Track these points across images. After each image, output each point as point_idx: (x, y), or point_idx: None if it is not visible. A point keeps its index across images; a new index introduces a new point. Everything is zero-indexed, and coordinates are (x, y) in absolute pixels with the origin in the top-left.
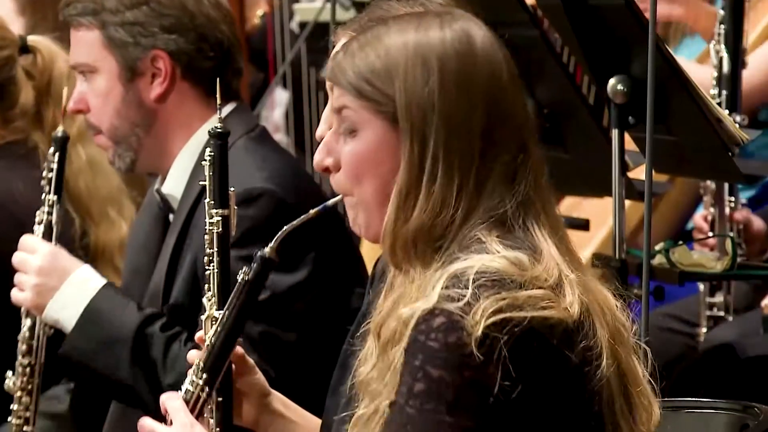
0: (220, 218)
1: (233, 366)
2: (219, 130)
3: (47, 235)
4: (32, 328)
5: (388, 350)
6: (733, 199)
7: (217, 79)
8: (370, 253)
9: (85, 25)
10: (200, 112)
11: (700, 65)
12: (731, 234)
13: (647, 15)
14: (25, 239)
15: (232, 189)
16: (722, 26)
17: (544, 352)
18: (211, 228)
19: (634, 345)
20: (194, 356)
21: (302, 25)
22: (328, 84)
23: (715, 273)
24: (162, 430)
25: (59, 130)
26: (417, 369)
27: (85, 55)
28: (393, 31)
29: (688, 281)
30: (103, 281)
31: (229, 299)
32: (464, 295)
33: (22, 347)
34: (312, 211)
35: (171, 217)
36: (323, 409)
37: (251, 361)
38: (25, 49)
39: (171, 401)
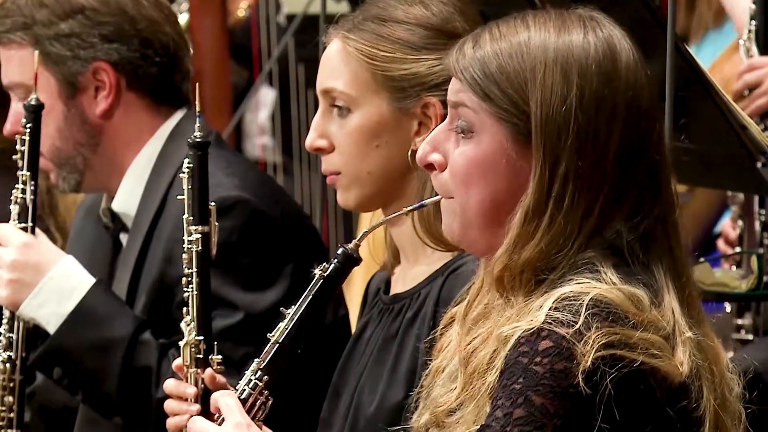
0: (200, 235)
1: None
2: (198, 140)
3: (23, 216)
4: (11, 320)
5: (475, 380)
6: (764, 212)
7: (196, 85)
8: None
9: (16, 42)
10: (149, 123)
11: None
12: (760, 251)
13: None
14: None
15: (212, 203)
16: (753, 22)
17: (648, 402)
18: (189, 246)
19: (738, 412)
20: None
21: (290, 17)
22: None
23: (739, 293)
24: (214, 429)
25: (32, 98)
26: (518, 393)
27: (18, 75)
28: (532, 30)
29: (709, 302)
30: (92, 278)
31: (303, 296)
32: (576, 321)
33: (1, 339)
34: (407, 208)
35: (122, 236)
36: None
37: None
38: None
39: (225, 398)
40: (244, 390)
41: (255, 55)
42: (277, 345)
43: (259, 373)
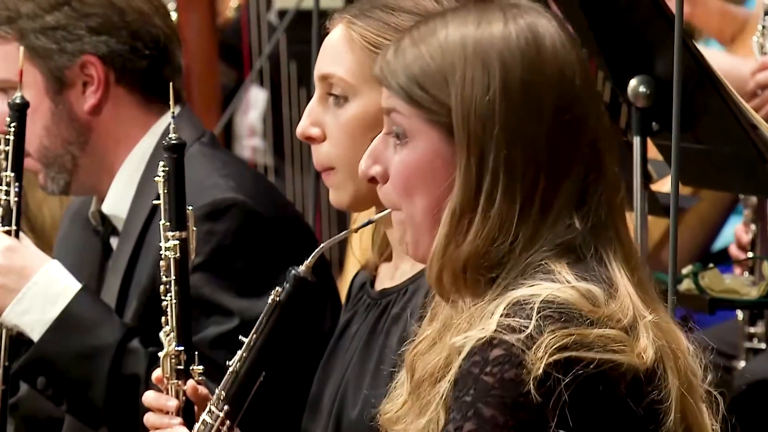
0: (177, 242)
1: (195, 407)
2: (173, 142)
3: (7, 219)
4: None
5: (423, 387)
6: None
7: (170, 84)
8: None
9: (1, 36)
10: (141, 120)
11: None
12: None
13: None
14: None
15: (189, 207)
16: (767, 17)
17: (608, 401)
18: (167, 253)
19: (704, 393)
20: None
21: (281, 13)
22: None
23: (749, 300)
24: None
25: (17, 96)
26: (468, 405)
27: (3, 70)
28: (451, 27)
29: (719, 309)
30: (78, 284)
31: (258, 322)
32: (526, 326)
33: None
34: (353, 227)
35: (113, 240)
36: None
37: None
38: None
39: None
40: (205, 421)
41: (245, 54)
42: (236, 374)
43: (220, 403)
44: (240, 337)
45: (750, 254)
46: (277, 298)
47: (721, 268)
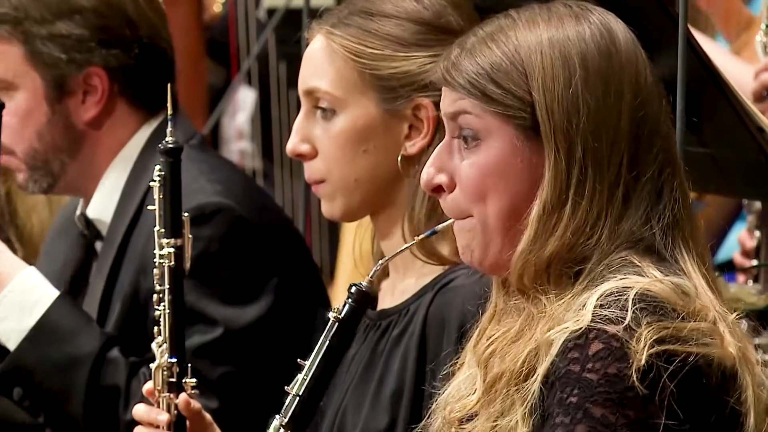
0: (172, 249)
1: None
2: (170, 145)
3: None
4: None
5: (500, 385)
6: None
7: (164, 88)
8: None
9: (3, 37)
10: (130, 122)
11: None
12: None
13: None
14: None
15: (185, 214)
16: None
17: (704, 396)
18: (161, 261)
19: None
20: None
21: (270, 11)
22: (445, 88)
23: (754, 309)
24: None
25: None
26: (575, 407)
27: (1, 70)
28: (521, 25)
29: None
30: (55, 291)
31: (319, 343)
32: (623, 318)
33: None
34: (418, 237)
35: (98, 244)
36: None
37: (208, 417)
38: None
39: None
40: None
41: (233, 52)
42: (298, 398)
43: (282, 430)
44: (298, 360)
45: (755, 262)
46: (339, 315)
47: (726, 277)
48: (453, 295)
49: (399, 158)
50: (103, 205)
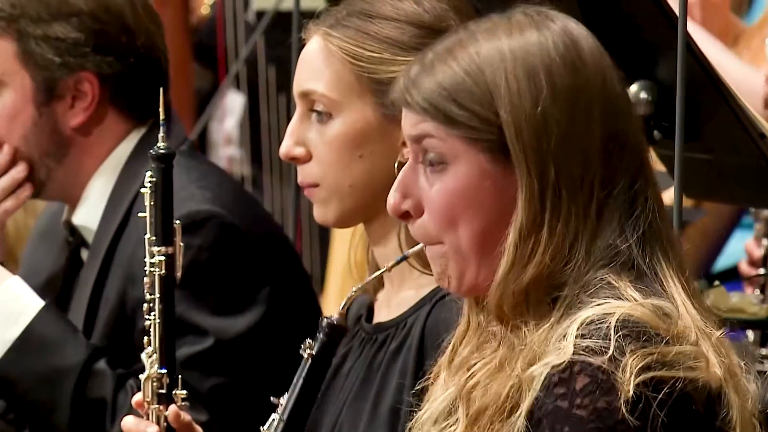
0: (163, 258)
1: None
2: (162, 151)
3: None
4: None
5: (484, 420)
6: None
7: (160, 91)
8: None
9: None
10: (119, 130)
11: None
12: None
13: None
14: None
15: (177, 222)
16: None
17: (692, 421)
18: (152, 270)
19: (759, 419)
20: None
21: (259, 14)
22: (406, 110)
23: (757, 319)
24: None
25: None
26: None
27: None
28: (480, 38)
29: (733, 330)
30: (40, 301)
31: (294, 380)
32: (607, 347)
33: None
34: (389, 264)
35: (83, 252)
36: None
37: (198, 429)
38: None
39: None
40: None
41: (220, 56)
42: None
43: None
44: (272, 398)
45: (762, 270)
46: (313, 351)
47: (727, 286)
48: (450, 307)
49: (396, 164)
50: (89, 212)
